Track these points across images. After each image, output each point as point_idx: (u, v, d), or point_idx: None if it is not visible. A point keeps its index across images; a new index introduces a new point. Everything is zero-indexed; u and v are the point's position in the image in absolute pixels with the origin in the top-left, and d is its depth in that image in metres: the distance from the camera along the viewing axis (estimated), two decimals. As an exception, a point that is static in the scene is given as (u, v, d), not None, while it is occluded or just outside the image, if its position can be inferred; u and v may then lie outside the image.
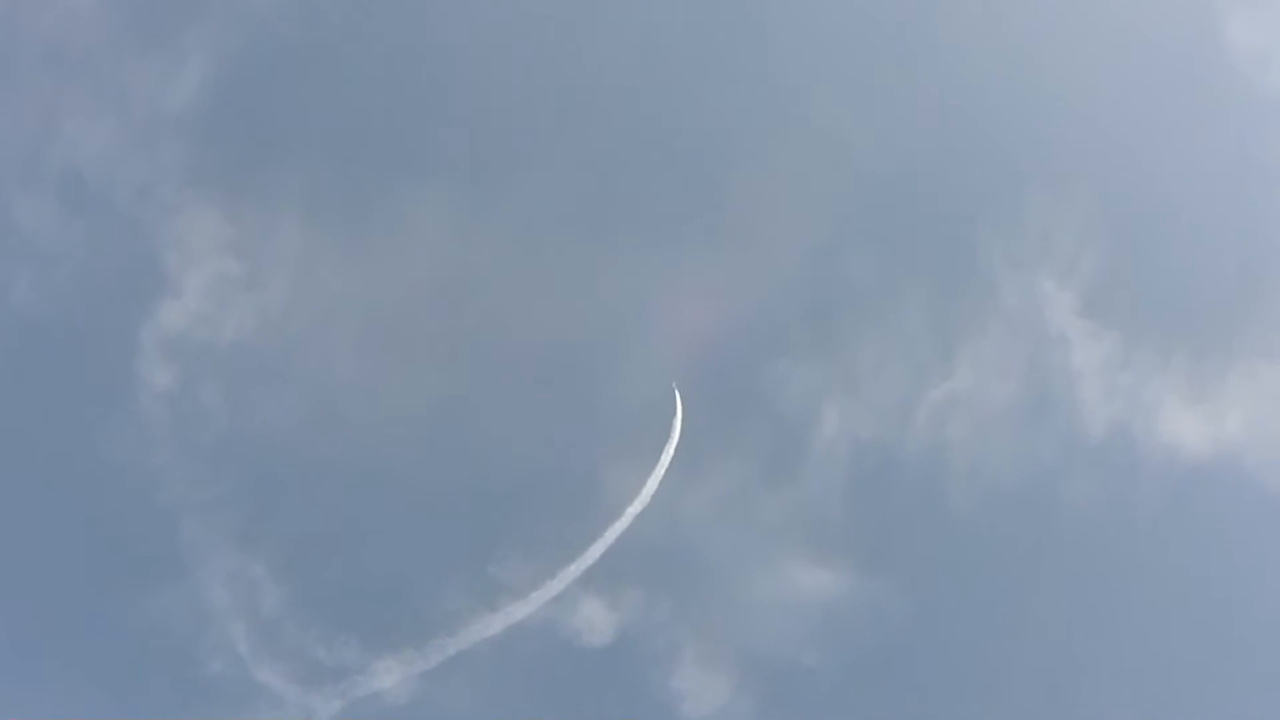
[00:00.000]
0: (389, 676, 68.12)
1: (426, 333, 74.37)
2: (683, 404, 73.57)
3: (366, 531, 70.57)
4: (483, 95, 77.78)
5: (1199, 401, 73.94)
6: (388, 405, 72.60)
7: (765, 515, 73.03)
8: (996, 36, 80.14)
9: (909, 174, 78.13)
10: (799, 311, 76.74)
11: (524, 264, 75.88)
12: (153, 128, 73.20)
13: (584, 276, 76.02)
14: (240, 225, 72.82)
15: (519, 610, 69.56)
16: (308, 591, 68.94)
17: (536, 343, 74.59)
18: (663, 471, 72.73)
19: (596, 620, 70.07)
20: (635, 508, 71.95)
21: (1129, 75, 79.45)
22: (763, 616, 71.25)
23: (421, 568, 70.10)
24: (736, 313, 75.92)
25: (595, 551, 70.74)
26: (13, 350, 70.39)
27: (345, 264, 74.30)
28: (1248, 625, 71.05)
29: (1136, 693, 69.81)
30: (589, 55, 78.90)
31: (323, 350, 72.85)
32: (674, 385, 74.07)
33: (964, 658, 71.15)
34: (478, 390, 73.51)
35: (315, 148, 75.81)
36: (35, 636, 67.61)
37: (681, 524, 72.31)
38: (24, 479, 68.54)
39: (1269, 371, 74.11)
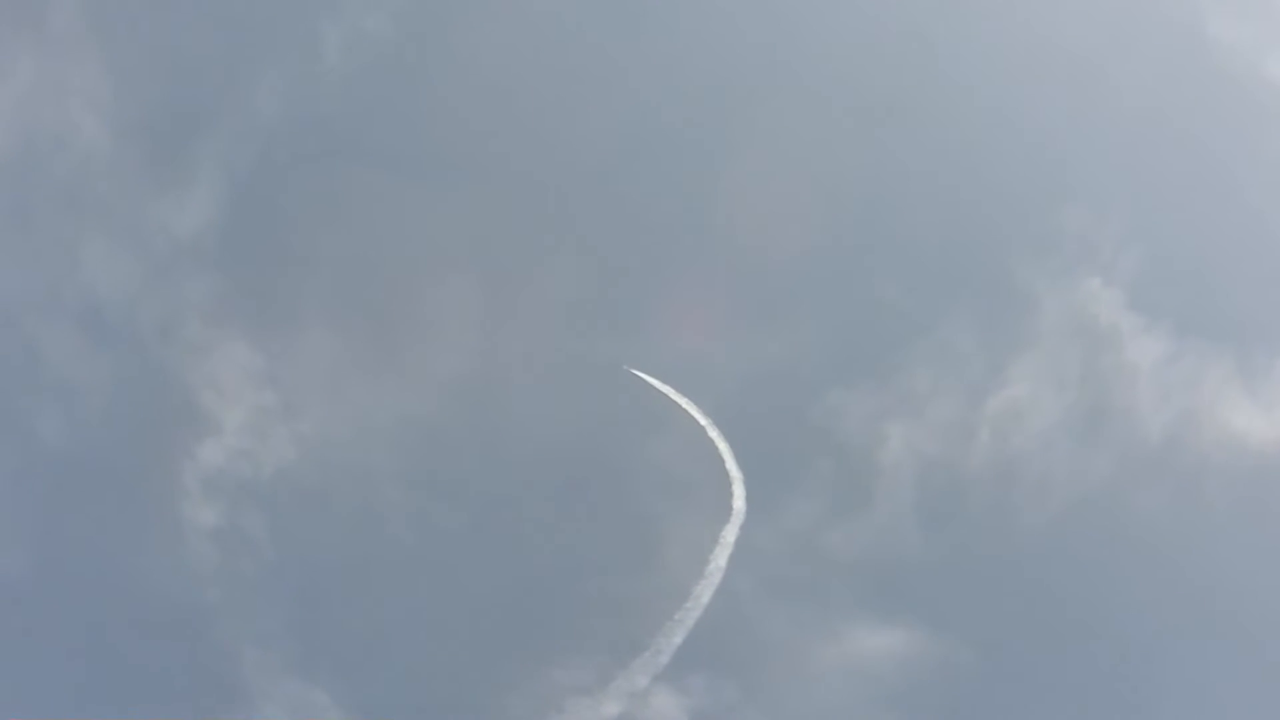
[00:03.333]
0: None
1: (464, 437, 74.41)
2: (734, 461, 72.48)
3: (424, 647, 69.78)
4: (498, 195, 78.87)
5: (1257, 392, 72.38)
6: (433, 518, 72.44)
7: (835, 554, 71.65)
8: (1013, 60, 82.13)
9: (936, 194, 78.97)
10: (846, 342, 76.66)
11: (553, 350, 76.26)
12: (175, 262, 75.44)
13: (615, 349, 75.85)
14: (270, 353, 74.24)
15: (593, 709, 67.98)
16: (373, 713, 67.89)
17: (575, 428, 74.35)
18: (729, 546, 71.15)
19: (666, 711, 68.14)
20: (705, 588, 70.20)
21: (1135, 80, 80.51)
22: (835, 688, 68.97)
23: (483, 678, 68.73)
24: (780, 355, 75.67)
25: (675, 640, 68.94)
26: (50, 492, 71.35)
27: (378, 377, 75.01)
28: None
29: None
30: (604, 137, 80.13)
31: (364, 469, 73.08)
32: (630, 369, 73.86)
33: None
34: (520, 491, 73.07)
35: (332, 262, 77.27)
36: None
37: (744, 593, 70.72)
38: (78, 628, 68.78)
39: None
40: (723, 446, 73.07)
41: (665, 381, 74.23)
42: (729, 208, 78.60)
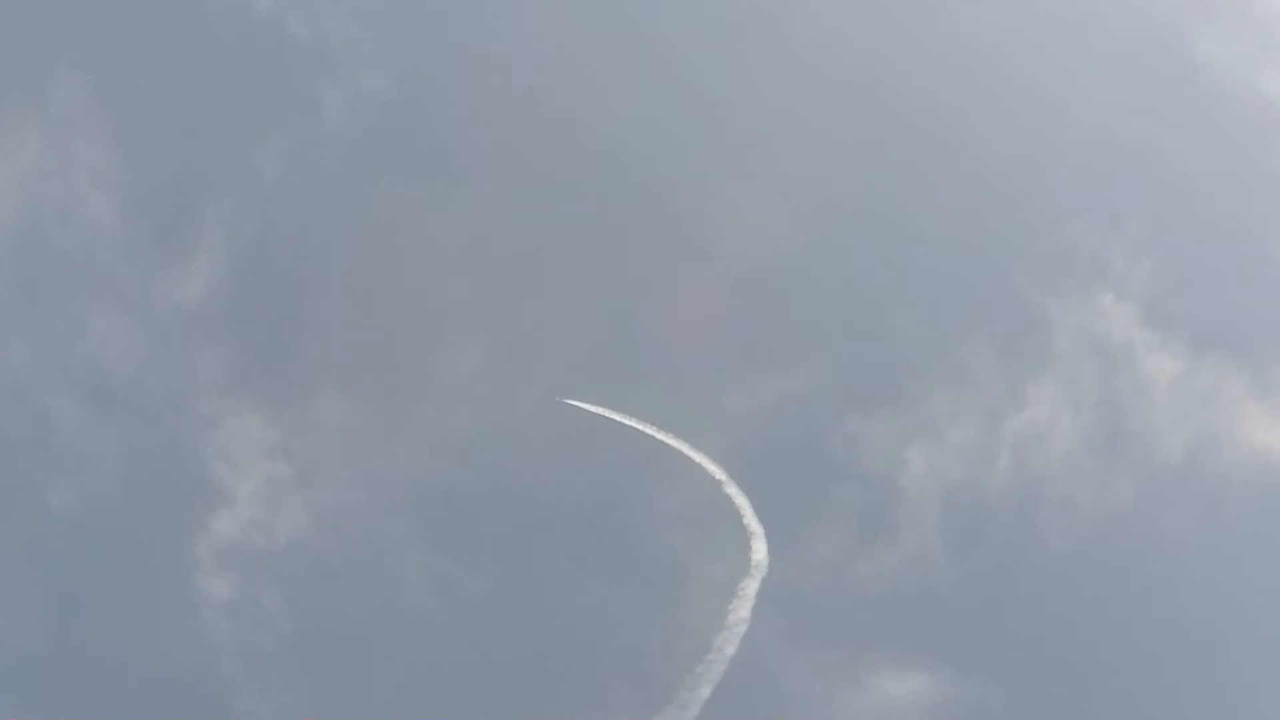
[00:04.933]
0: None
1: (480, 499, 73.76)
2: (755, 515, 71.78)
3: (444, 715, 68.94)
4: (503, 250, 78.86)
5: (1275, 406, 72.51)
6: (450, 584, 71.87)
7: (860, 588, 71.47)
8: (1018, 85, 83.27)
9: (947, 217, 79.44)
10: (862, 369, 76.61)
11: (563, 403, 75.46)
12: (183, 333, 75.15)
13: (628, 400, 75.17)
14: (281, 422, 73.71)
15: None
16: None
17: (590, 481, 74.29)
18: (749, 603, 70.37)
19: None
20: (727, 641, 69.38)
21: (1134, 101, 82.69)
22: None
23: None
24: (797, 383, 75.58)
25: (701, 695, 68.16)
26: (61, 567, 70.82)
27: (389, 443, 74.51)
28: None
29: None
30: (607, 184, 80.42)
31: (377, 537, 72.61)
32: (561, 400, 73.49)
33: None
34: (536, 552, 72.48)
35: (340, 327, 77.10)
36: None
37: (768, 638, 69.87)
38: (90, 702, 67.36)
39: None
40: (742, 501, 72.60)
41: (682, 418, 73.94)
42: (742, 239, 78.66)
